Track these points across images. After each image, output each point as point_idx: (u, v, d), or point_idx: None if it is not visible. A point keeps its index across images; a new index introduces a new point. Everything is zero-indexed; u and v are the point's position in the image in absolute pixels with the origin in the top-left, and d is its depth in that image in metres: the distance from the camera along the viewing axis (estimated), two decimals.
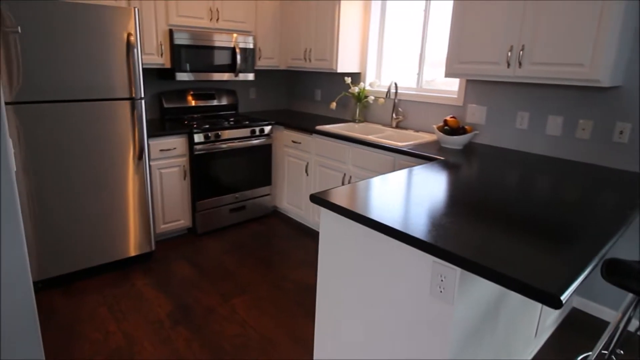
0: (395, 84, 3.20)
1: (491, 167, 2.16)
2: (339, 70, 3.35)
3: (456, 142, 2.62)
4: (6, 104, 2.11)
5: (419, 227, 1.31)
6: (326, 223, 1.64)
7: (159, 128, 2.98)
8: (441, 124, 2.77)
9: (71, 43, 2.24)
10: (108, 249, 2.64)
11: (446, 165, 2.18)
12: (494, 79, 2.36)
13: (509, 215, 1.46)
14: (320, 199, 1.58)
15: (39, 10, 2.12)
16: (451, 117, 2.70)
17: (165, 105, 3.38)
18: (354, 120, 3.53)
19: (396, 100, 3.25)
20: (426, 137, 2.95)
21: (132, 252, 2.75)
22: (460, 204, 1.57)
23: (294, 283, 2.67)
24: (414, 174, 1.96)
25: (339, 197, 1.58)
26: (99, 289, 2.52)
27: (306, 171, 3.33)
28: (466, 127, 2.68)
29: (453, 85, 3.03)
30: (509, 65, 2.27)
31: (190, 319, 2.27)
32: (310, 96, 4.09)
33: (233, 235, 3.32)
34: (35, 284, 2.45)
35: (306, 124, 3.38)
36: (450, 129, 2.66)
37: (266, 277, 2.73)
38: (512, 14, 2.22)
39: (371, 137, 2.84)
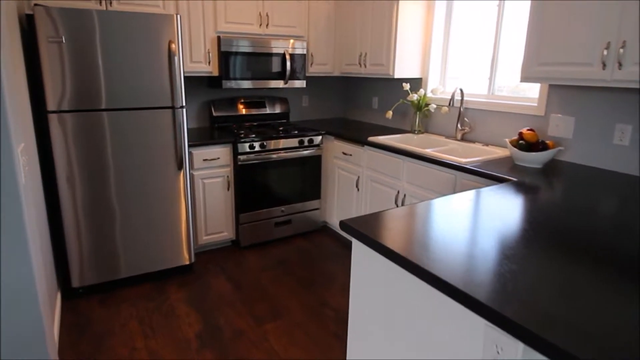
0: (461, 91, 2.80)
1: (579, 193, 1.72)
2: (396, 76, 3.04)
3: (534, 159, 2.18)
4: (50, 112, 2.14)
5: (474, 274, 0.98)
6: (358, 254, 1.36)
7: (207, 137, 2.91)
8: (516, 137, 2.33)
9: (114, 52, 2.23)
10: (147, 259, 2.60)
11: (520, 189, 1.77)
12: (585, 83, 1.89)
13: (604, 258, 1.06)
14: (351, 229, 1.31)
15: (82, 20, 2.13)
16: (528, 130, 2.26)
17: (215, 114, 3.32)
18: (412, 131, 3.19)
19: (462, 109, 2.85)
20: (497, 153, 2.52)
21: (171, 263, 2.69)
22: (536, 241, 1.20)
23: (334, 311, 2.40)
24: (476, 199, 1.60)
25: (373, 226, 1.30)
26: (134, 300, 2.48)
27: (357, 186, 3.05)
28: (547, 141, 2.22)
29: (532, 92, 2.56)
30: (604, 66, 1.80)
31: (218, 342, 2.12)
32: (367, 104, 3.81)
33: (276, 250, 3.15)
34: (76, 289, 2.47)
35: (359, 134, 3.11)
36: (527, 144, 2.22)
37: (305, 300, 2.49)
38: (609, 1, 1.76)
39: (428, 151, 2.49)
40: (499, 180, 2.01)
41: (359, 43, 3.29)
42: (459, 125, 2.87)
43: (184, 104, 2.47)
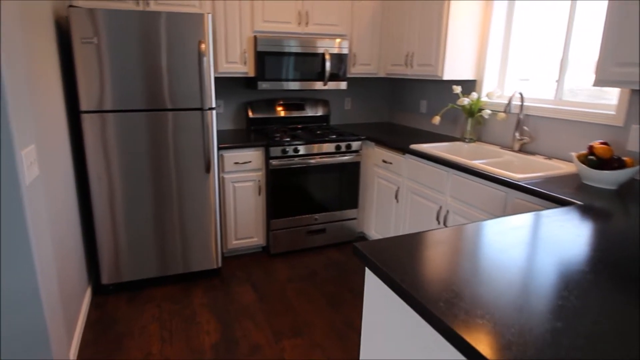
0: (521, 95, 2.45)
1: None
2: (446, 77, 2.74)
3: (607, 179, 1.81)
4: (83, 112, 2.16)
5: (508, 338, 0.74)
6: (371, 286, 1.15)
7: (242, 139, 2.83)
8: (585, 151, 1.96)
9: (144, 52, 2.21)
10: (175, 260, 2.58)
11: (587, 214, 1.45)
12: None
13: None
14: (365, 258, 1.11)
15: (114, 20, 2.12)
16: (600, 143, 1.88)
17: (251, 116, 3.25)
18: (463, 139, 2.86)
19: (521, 116, 2.49)
20: (561, 168, 2.15)
21: (199, 266, 2.64)
22: (601, 287, 0.92)
23: (359, 334, 2.19)
24: (527, 225, 1.32)
25: (395, 257, 1.08)
26: (159, 301, 2.46)
27: (396, 197, 2.80)
28: (625, 158, 1.83)
29: (609, 98, 2.15)
30: None
31: (233, 355, 2.01)
32: (415, 108, 3.53)
33: (307, 260, 2.99)
34: (106, 286, 2.51)
35: (401, 140, 2.86)
36: (599, 160, 1.84)
37: (330, 319, 2.31)
38: None
39: (476, 163, 2.18)
40: (559, 202, 1.68)
41: (406, 42, 3.03)
42: (517, 135, 2.51)
43: (213, 106, 2.40)
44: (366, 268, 1.17)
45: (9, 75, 1.23)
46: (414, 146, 2.63)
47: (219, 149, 2.67)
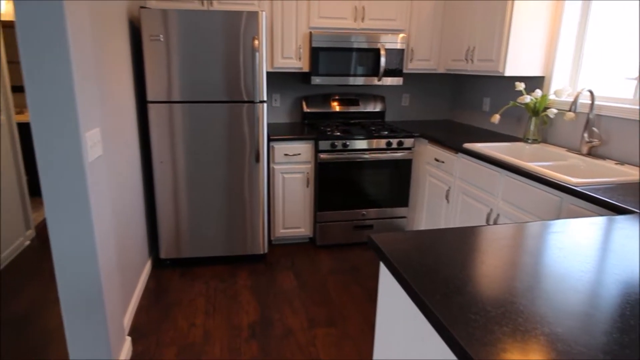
0: (591, 93, 2.20)
1: None
2: (508, 74, 2.56)
3: None
4: (149, 102, 2.42)
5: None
6: (385, 284, 1.15)
7: (295, 132, 2.94)
8: None
9: (205, 48, 2.40)
10: (226, 243, 2.77)
11: None
12: None
13: None
14: (380, 251, 1.09)
15: (179, 19, 2.33)
16: None
17: (306, 110, 3.33)
18: (525, 140, 2.65)
19: (591, 116, 2.24)
20: (633, 175, 1.90)
21: (246, 251, 2.80)
22: None
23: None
24: (578, 235, 1.21)
25: (416, 253, 1.05)
26: (207, 278, 2.66)
27: (447, 197, 2.69)
28: None
29: None
30: None
31: (267, 336, 2.12)
32: (477, 105, 3.33)
33: (352, 255, 3.01)
34: (164, 261, 2.78)
35: (457, 139, 2.73)
36: None
37: (365, 314, 2.32)
38: None
39: (530, 165, 2.02)
40: (619, 211, 1.50)
41: (467, 36, 2.88)
42: (585, 136, 2.27)
43: (264, 99, 2.52)
44: (381, 263, 1.15)
45: (77, 70, 1.44)
46: (467, 145, 2.51)
47: (270, 140, 2.80)
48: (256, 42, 2.38)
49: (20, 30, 1.33)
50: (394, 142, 2.95)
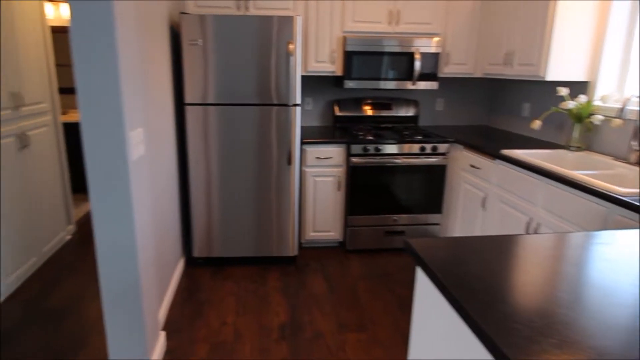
0: None
1: None
2: (549, 78, 2.46)
3: None
4: (187, 104, 2.50)
5: None
6: (423, 291, 1.12)
7: (327, 136, 2.95)
8: None
9: (240, 52, 2.45)
10: (256, 244, 2.80)
11: None
12: None
13: None
14: (417, 257, 1.07)
15: (217, 24, 2.40)
16: None
17: (338, 113, 3.33)
18: (567, 147, 2.54)
19: (639, 123, 2.12)
20: None
21: (276, 252, 2.83)
22: None
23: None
24: (626, 247, 1.13)
25: (455, 261, 1.03)
26: (238, 278, 2.70)
27: (483, 205, 2.61)
28: None
29: None
30: None
31: (297, 338, 2.12)
32: (516, 111, 3.22)
33: (383, 260, 2.97)
34: (196, 259, 2.85)
35: (494, 145, 2.65)
36: None
37: (397, 321, 2.28)
38: None
39: (574, 173, 1.93)
40: None
41: (506, 39, 2.79)
42: (633, 144, 2.14)
43: (297, 102, 2.55)
44: (417, 268, 1.14)
45: (124, 72, 1.50)
46: (505, 151, 2.43)
47: (302, 143, 2.81)
48: (291, 46, 2.41)
49: (74, 36, 1.41)
50: (428, 147, 2.90)
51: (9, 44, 2.43)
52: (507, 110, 3.35)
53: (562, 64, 2.46)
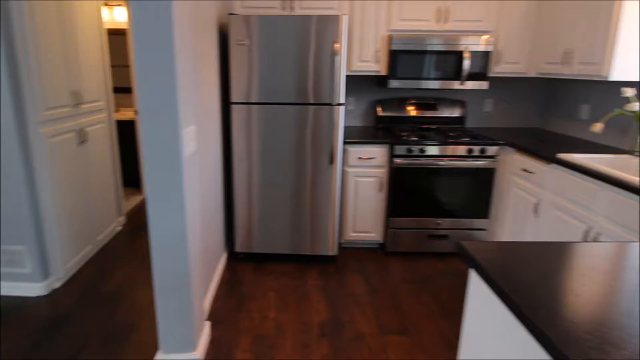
0: None
1: None
2: (614, 78, 2.29)
3: None
4: (232, 103, 2.56)
5: None
6: (476, 294, 1.08)
7: (368, 136, 2.91)
8: None
9: (286, 52, 2.48)
10: (296, 242, 2.82)
11: None
12: None
13: None
14: (472, 260, 1.04)
15: (263, 24, 2.43)
16: None
17: (380, 114, 3.28)
18: (632, 152, 2.35)
19: None
20: None
21: (316, 251, 2.83)
22: None
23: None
24: None
25: (506, 265, 0.99)
26: (278, 275, 2.73)
27: (535, 211, 2.48)
28: None
29: None
30: None
31: (337, 338, 2.11)
32: (574, 113, 3.03)
33: (424, 264, 2.89)
34: (238, 254, 2.91)
35: (549, 148, 2.51)
36: None
37: (440, 327, 2.20)
38: None
39: None
40: None
41: (564, 37, 2.63)
42: None
43: (341, 102, 2.53)
44: (470, 270, 1.09)
45: (179, 72, 1.56)
46: (563, 155, 2.29)
47: (345, 143, 2.80)
48: (337, 45, 2.41)
49: (135, 36, 1.48)
50: (476, 149, 2.79)
51: (70, 45, 2.61)
52: (563, 112, 3.16)
53: (628, 63, 2.29)
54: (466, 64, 2.84)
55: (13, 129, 2.19)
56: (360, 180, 2.88)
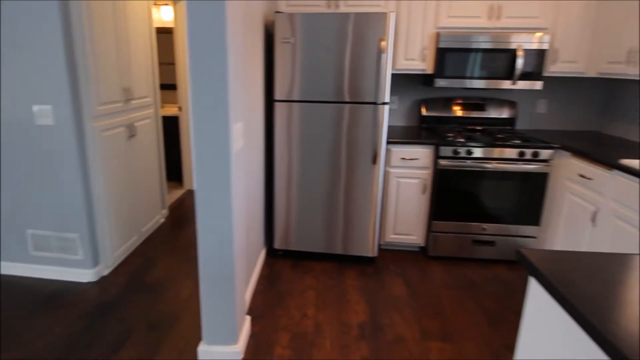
0: None
1: None
2: None
3: None
4: (276, 101, 2.57)
5: None
6: (538, 305, 1.01)
7: (412, 136, 2.84)
8: None
9: (331, 49, 2.45)
10: (335, 241, 2.79)
11: None
12: None
13: None
14: (534, 268, 0.98)
15: (309, 22, 2.42)
16: None
17: (424, 113, 3.19)
18: None
19: None
20: None
21: (355, 251, 2.78)
22: None
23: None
24: None
25: (570, 275, 0.92)
26: (316, 273, 2.71)
27: (592, 220, 2.32)
28: None
29: None
30: None
31: (377, 340, 2.06)
32: (635, 116, 2.82)
33: (468, 270, 2.77)
34: (277, 251, 2.92)
35: (612, 153, 2.34)
36: None
37: (485, 335, 2.11)
38: None
39: None
40: None
41: (630, 35, 2.44)
42: None
43: (386, 101, 2.48)
44: (530, 278, 1.03)
45: (231, 70, 1.57)
46: (626, 161, 2.13)
47: (387, 143, 2.74)
48: (383, 43, 2.36)
49: (190, 35, 1.51)
50: (528, 152, 2.65)
51: (123, 44, 2.71)
52: (626, 115, 2.94)
53: None
54: (519, 62, 2.70)
55: (71, 123, 2.30)
56: (403, 181, 2.81)
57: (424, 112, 3.20)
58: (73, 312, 2.24)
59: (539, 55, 2.73)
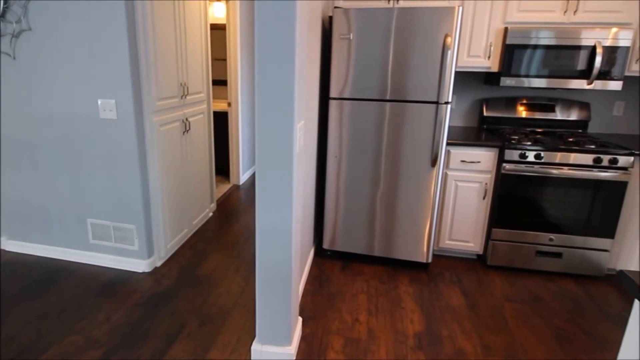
0: None
1: None
2: None
3: None
4: (331, 99, 2.50)
5: None
6: None
7: (471, 137, 2.68)
8: None
9: (392, 46, 2.35)
10: (388, 244, 2.68)
11: None
12: None
13: None
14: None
15: (368, 18, 2.34)
16: None
17: (485, 114, 3.01)
18: None
19: None
20: None
21: (408, 256, 2.66)
22: None
23: None
24: None
25: None
26: (367, 277, 2.61)
27: None
28: None
29: None
30: None
31: (435, 352, 1.94)
32: None
33: (531, 283, 2.57)
34: (325, 251, 2.85)
35: None
36: None
37: (554, 355, 1.93)
38: None
39: None
40: None
41: None
42: None
43: (449, 100, 2.34)
44: (637, 301, 0.90)
45: (297, 68, 1.52)
46: None
47: (447, 144, 2.60)
48: (449, 39, 2.23)
49: (259, 33, 1.47)
50: (605, 158, 2.42)
51: (181, 41, 2.75)
52: None
53: None
54: (598, 60, 2.48)
55: (132, 118, 2.35)
56: (462, 185, 2.65)
57: (484, 112, 3.02)
58: (129, 301, 2.28)
59: (620, 53, 2.49)
